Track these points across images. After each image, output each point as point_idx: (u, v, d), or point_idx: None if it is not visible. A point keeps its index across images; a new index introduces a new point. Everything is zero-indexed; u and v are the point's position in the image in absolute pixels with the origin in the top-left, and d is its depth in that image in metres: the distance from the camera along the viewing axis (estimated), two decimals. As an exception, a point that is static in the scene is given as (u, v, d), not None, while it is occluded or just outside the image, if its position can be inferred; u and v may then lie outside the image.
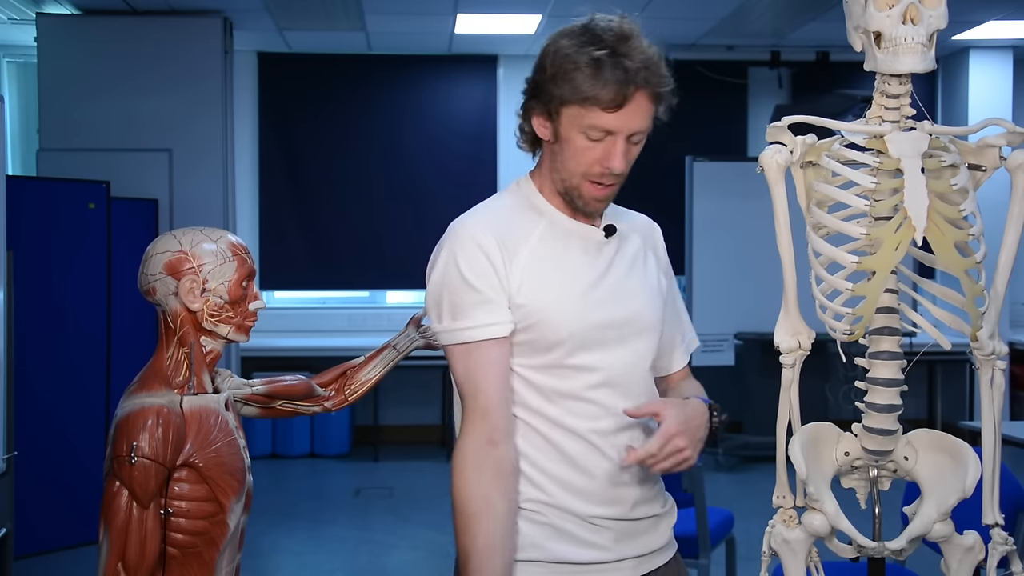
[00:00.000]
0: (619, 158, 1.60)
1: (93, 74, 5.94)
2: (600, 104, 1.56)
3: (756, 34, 6.68)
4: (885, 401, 1.68)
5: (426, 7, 6.05)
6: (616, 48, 1.56)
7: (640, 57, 1.56)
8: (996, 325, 1.70)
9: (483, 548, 1.55)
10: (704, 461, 4.85)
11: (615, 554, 1.66)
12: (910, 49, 1.57)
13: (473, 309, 1.59)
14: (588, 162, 1.61)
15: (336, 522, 5.51)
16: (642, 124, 1.61)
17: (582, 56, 1.56)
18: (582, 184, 1.63)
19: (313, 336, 7.20)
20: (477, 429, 1.58)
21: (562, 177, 1.65)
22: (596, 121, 1.57)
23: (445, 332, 1.63)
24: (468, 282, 1.60)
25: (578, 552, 1.64)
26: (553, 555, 1.63)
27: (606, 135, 1.59)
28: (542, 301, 1.62)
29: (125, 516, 1.72)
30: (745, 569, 3.85)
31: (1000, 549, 1.70)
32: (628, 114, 1.58)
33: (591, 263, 1.68)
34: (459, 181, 7.31)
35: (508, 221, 1.66)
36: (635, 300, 1.71)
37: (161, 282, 1.84)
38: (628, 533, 1.68)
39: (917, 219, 1.56)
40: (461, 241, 1.62)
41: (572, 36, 1.59)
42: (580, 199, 1.65)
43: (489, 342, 1.59)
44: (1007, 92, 7.22)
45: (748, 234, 6.23)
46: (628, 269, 1.72)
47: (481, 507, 1.55)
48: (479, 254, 1.60)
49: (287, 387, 2.17)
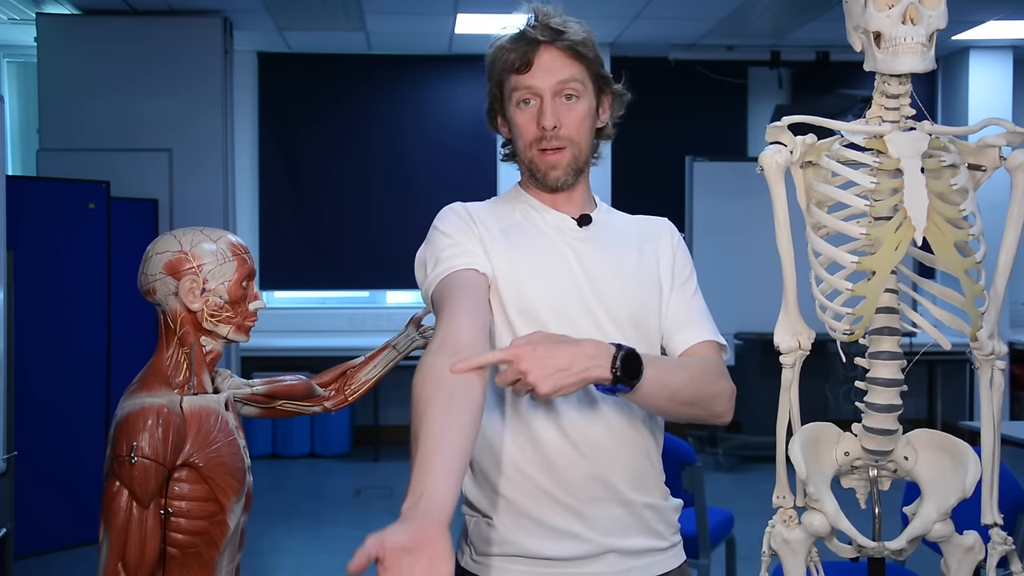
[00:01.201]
0: (548, 115, 1.65)
1: (93, 74, 5.95)
2: (513, 68, 1.67)
3: (756, 34, 6.68)
4: (885, 401, 1.68)
5: (426, 7, 6.05)
6: (534, 22, 1.69)
7: (544, 22, 1.68)
8: (996, 325, 1.70)
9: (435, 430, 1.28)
10: (704, 461, 4.85)
11: (595, 547, 1.61)
12: (910, 49, 1.58)
13: (450, 252, 1.63)
14: (530, 131, 1.67)
15: (336, 522, 5.51)
16: (561, 76, 1.66)
17: (501, 44, 1.70)
18: (535, 157, 1.69)
19: (313, 336, 7.20)
20: (438, 343, 1.45)
21: (524, 160, 1.71)
22: (516, 84, 1.67)
23: (427, 282, 1.63)
24: (446, 234, 1.65)
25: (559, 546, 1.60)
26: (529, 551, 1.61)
27: (533, 97, 1.66)
28: (502, 268, 1.64)
29: (125, 516, 1.72)
30: (745, 569, 3.85)
31: (999, 549, 1.70)
32: (542, 70, 1.66)
33: (561, 248, 1.68)
34: (459, 181, 7.32)
35: (489, 206, 1.75)
36: (610, 287, 1.66)
37: (161, 282, 1.84)
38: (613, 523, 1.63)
39: (917, 219, 1.56)
40: (442, 217, 1.70)
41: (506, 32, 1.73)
42: (539, 172, 1.70)
43: (466, 271, 1.60)
44: (1007, 92, 7.22)
45: (748, 234, 6.24)
46: (610, 260, 1.69)
47: (436, 390, 1.35)
48: (457, 218, 1.68)
49: (287, 387, 2.17)
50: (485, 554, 1.64)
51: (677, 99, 7.21)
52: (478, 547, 1.65)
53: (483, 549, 1.64)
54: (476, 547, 1.66)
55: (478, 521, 1.66)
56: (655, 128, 7.01)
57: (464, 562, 1.68)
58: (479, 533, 1.65)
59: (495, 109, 1.74)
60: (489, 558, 1.64)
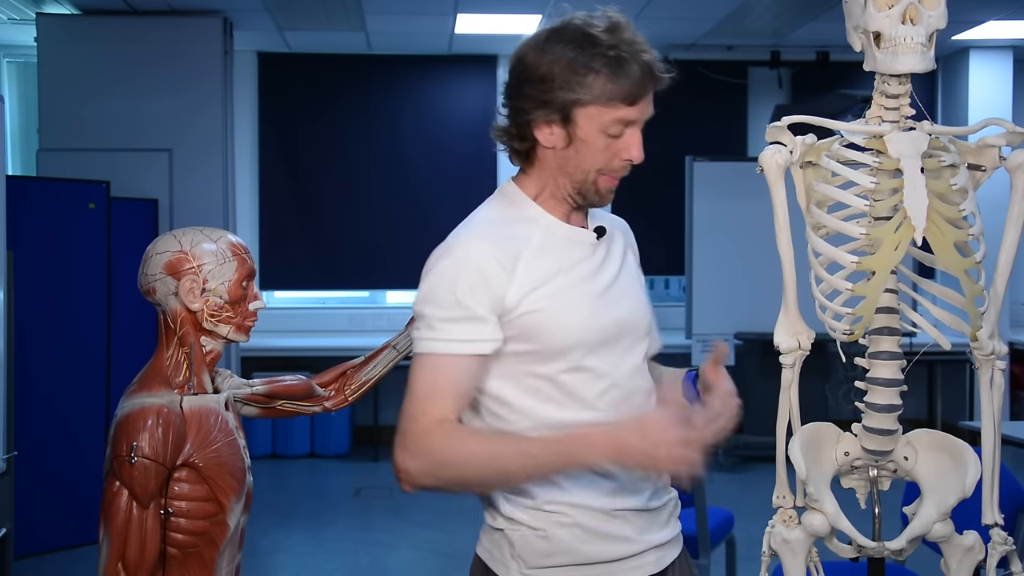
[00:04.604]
0: (638, 147, 1.63)
1: (93, 74, 5.94)
2: (624, 99, 1.58)
3: (756, 34, 6.68)
4: (885, 401, 1.68)
5: (426, 7, 6.05)
6: (623, 43, 1.57)
7: (646, 45, 1.60)
8: (996, 325, 1.70)
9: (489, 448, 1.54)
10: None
11: (640, 545, 1.66)
12: (909, 49, 1.58)
13: (455, 324, 1.57)
14: (607, 157, 1.62)
15: (336, 522, 5.51)
16: (650, 113, 1.64)
17: (596, 59, 1.56)
18: (598, 181, 1.64)
19: (313, 336, 7.20)
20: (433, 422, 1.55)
21: (576, 179, 1.64)
22: (619, 116, 1.59)
23: (421, 340, 1.60)
24: (456, 297, 1.57)
25: (608, 549, 1.64)
26: (584, 556, 1.63)
27: (624, 128, 1.61)
28: (548, 307, 1.60)
29: (125, 516, 1.72)
30: (745, 569, 3.85)
31: (1000, 549, 1.70)
32: (645, 104, 1.61)
33: (588, 266, 1.67)
34: (459, 181, 7.32)
35: (504, 235, 1.64)
36: (629, 300, 1.71)
37: (161, 282, 1.84)
38: (648, 523, 1.68)
39: (916, 219, 1.56)
40: (456, 256, 1.60)
41: (568, 40, 1.58)
42: (595, 193, 1.65)
43: (465, 357, 1.57)
44: (1007, 92, 7.21)
45: (748, 234, 6.23)
46: (618, 269, 1.72)
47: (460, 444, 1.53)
48: (474, 272, 1.58)
49: (287, 387, 2.17)
50: (536, 567, 1.63)
51: (677, 99, 7.19)
52: (528, 560, 1.64)
53: (535, 562, 1.63)
54: (525, 561, 1.64)
55: (525, 534, 1.64)
56: (655, 128, 6.91)
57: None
58: (528, 546, 1.63)
59: (555, 115, 1.60)
60: (540, 570, 1.63)
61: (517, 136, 1.65)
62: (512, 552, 1.64)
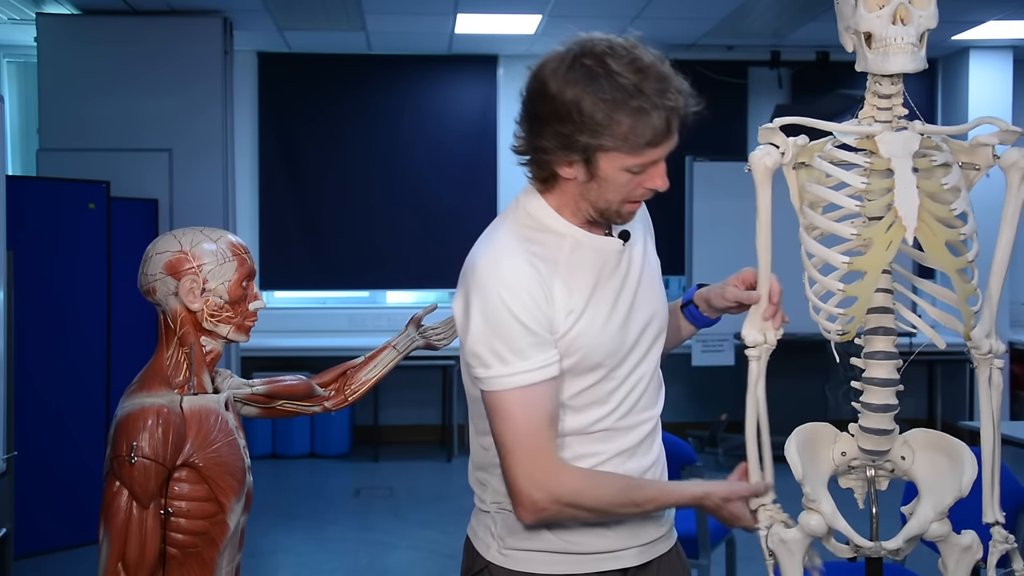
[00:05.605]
0: (663, 178, 1.62)
1: (93, 74, 5.95)
2: (648, 144, 1.55)
3: (756, 34, 6.68)
4: (881, 401, 1.69)
5: (426, 7, 6.05)
6: (649, 90, 1.52)
7: (672, 84, 1.55)
8: (993, 324, 1.70)
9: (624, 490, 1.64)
10: (704, 461, 4.86)
11: (623, 542, 1.71)
12: (900, 49, 1.58)
13: (531, 350, 1.56)
14: (631, 188, 1.61)
15: (336, 522, 5.51)
16: (676, 142, 1.61)
17: (619, 110, 1.51)
18: (622, 208, 1.64)
19: (313, 336, 7.20)
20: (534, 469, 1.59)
21: (599, 208, 1.63)
22: (642, 160, 1.57)
23: (498, 377, 1.57)
24: (523, 323, 1.55)
25: (588, 540, 1.68)
26: (562, 545, 1.68)
27: (648, 165, 1.59)
28: (583, 331, 1.62)
29: (125, 516, 1.72)
30: (745, 569, 3.85)
31: (1000, 547, 1.70)
32: (669, 142, 1.59)
33: (616, 280, 1.68)
34: (459, 181, 7.33)
35: (537, 255, 1.61)
36: (651, 302, 1.74)
37: (161, 282, 1.84)
38: (640, 521, 1.72)
39: (907, 218, 1.56)
40: (504, 282, 1.57)
41: (591, 78, 1.51)
42: (618, 216, 1.66)
43: (548, 382, 1.59)
44: (1007, 92, 7.21)
45: (748, 234, 6.16)
46: (640, 271, 1.74)
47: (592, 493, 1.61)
48: (525, 297, 1.56)
49: (287, 387, 2.18)
50: (514, 548, 1.69)
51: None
52: (507, 541, 1.69)
53: (513, 543, 1.69)
54: (505, 541, 1.69)
55: (507, 517, 1.68)
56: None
57: (490, 555, 1.71)
58: (509, 528, 1.69)
59: (576, 156, 1.56)
60: (517, 552, 1.69)
61: (536, 166, 1.63)
62: (494, 531, 1.70)
